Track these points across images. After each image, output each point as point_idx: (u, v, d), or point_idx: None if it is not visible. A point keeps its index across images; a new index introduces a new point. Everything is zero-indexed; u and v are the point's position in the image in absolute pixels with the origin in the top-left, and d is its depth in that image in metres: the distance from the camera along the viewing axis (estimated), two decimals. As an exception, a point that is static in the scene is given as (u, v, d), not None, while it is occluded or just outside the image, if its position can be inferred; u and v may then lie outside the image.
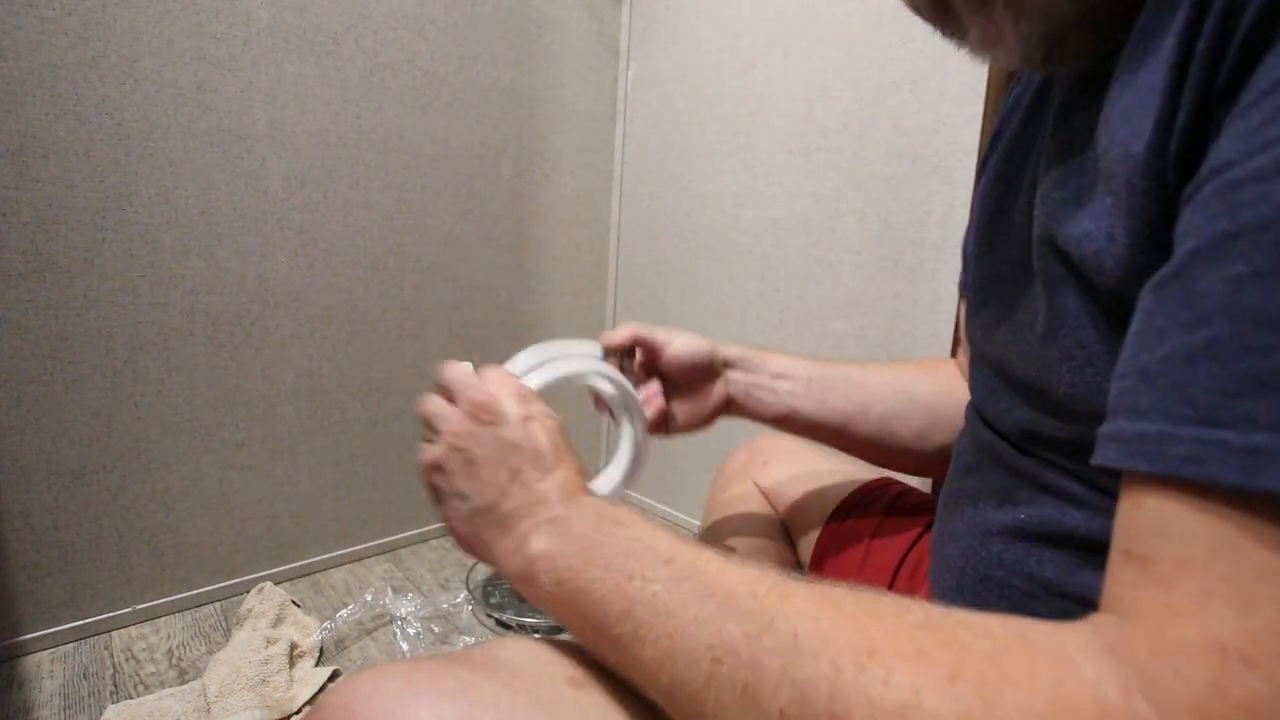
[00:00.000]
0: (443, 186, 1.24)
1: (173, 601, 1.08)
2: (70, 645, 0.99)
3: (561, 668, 0.36)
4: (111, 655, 0.98)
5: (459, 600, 1.13)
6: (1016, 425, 0.37)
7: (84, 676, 0.93)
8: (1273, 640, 0.18)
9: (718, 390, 0.59)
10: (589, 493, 0.40)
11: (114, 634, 1.02)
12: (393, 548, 1.32)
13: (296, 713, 0.87)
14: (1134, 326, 0.24)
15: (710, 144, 1.28)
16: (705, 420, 0.59)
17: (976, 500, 0.40)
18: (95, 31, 0.88)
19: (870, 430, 0.57)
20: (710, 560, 0.31)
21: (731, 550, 0.41)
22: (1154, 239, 0.26)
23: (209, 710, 0.84)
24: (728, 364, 0.59)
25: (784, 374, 0.58)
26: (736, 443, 0.76)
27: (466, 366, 0.44)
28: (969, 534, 0.40)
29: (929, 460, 0.57)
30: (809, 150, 1.12)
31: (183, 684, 0.92)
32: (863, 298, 1.08)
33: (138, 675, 0.94)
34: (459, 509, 0.41)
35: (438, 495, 0.43)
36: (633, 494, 1.52)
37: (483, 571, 1.23)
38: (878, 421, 0.57)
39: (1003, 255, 0.41)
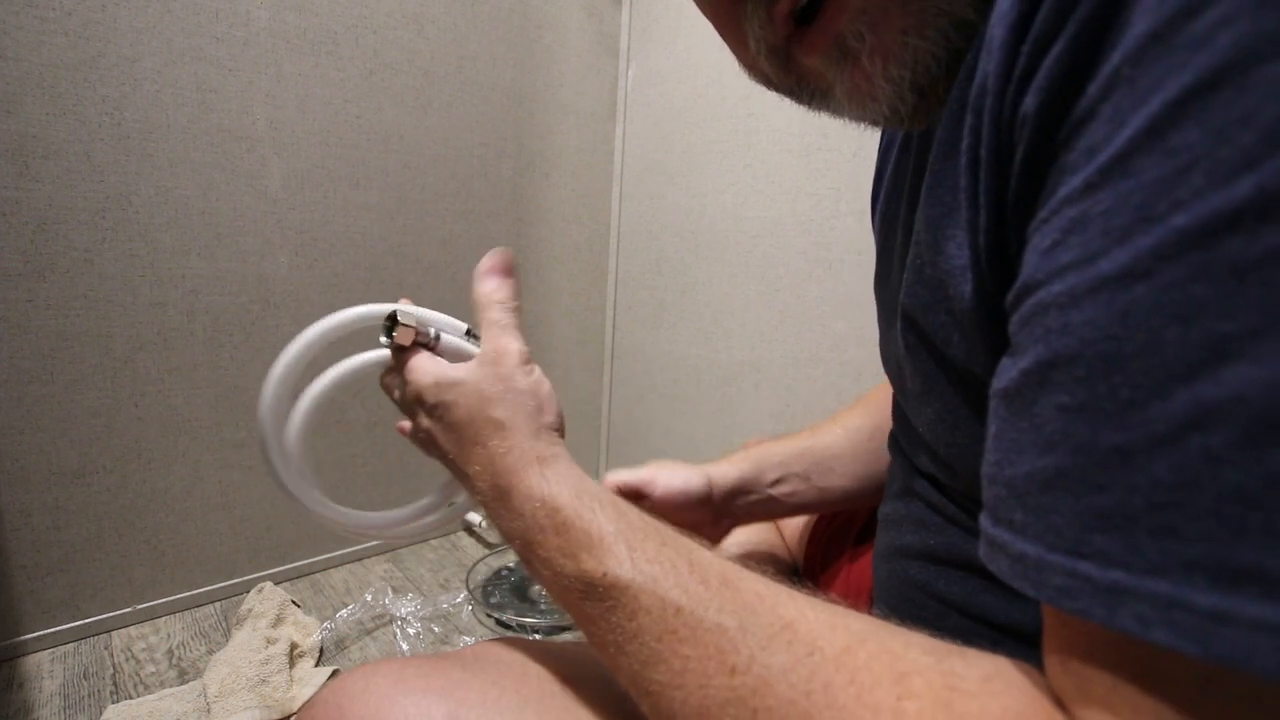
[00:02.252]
0: (443, 186, 1.24)
1: (173, 601, 1.08)
2: (70, 645, 0.99)
3: (550, 667, 0.36)
4: (111, 655, 0.98)
5: (459, 600, 1.13)
6: (920, 465, 0.39)
7: (84, 676, 0.93)
8: None
9: (722, 525, 0.58)
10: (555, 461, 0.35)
11: (114, 634, 1.02)
12: (393, 548, 1.32)
13: (296, 713, 0.87)
14: (991, 429, 0.23)
15: (710, 144, 1.28)
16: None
17: (899, 524, 0.41)
18: (95, 31, 0.88)
19: (875, 492, 0.58)
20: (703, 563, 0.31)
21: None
22: (982, 318, 0.26)
23: (209, 710, 0.84)
24: (727, 494, 0.56)
25: (782, 478, 0.57)
26: (735, 444, 0.76)
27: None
28: (892, 555, 0.42)
29: None
30: (809, 150, 1.12)
31: (183, 684, 0.92)
32: (863, 298, 1.07)
33: (138, 675, 0.94)
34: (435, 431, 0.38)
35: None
36: (633, 494, 1.52)
37: (483, 571, 1.23)
38: (876, 485, 0.58)
39: (887, 300, 0.41)
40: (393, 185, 1.18)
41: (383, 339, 0.40)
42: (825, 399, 1.14)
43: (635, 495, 0.54)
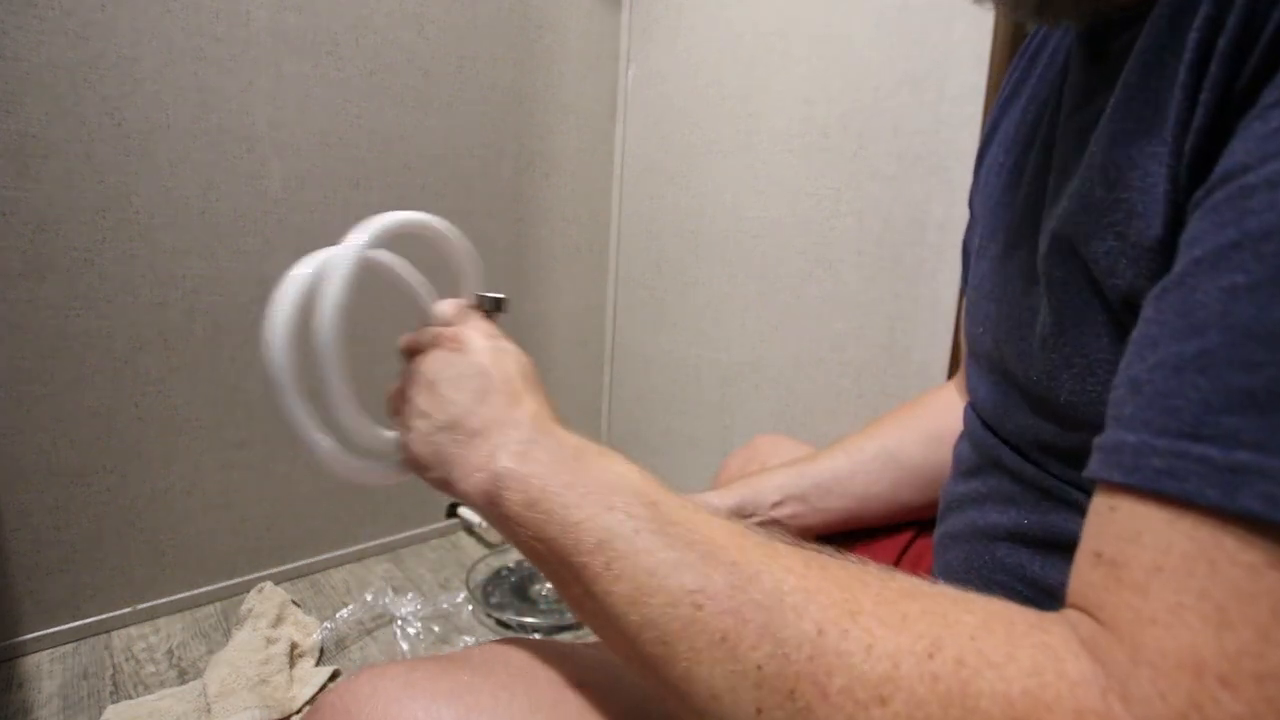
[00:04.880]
0: (443, 186, 1.24)
1: (173, 601, 1.08)
2: (70, 645, 0.99)
3: (560, 669, 0.36)
4: (111, 655, 0.98)
5: (459, 600, 1.13)
6: (1017, 430, 0.37)
7: (84, 676, 0.93)
8: (1250, 663, 0.17)
9: None
10: (563, 427, 0.36)
11: (114, 634, 1.02)
12: (393, 548, 1.32)
13: (297, 712, 0.87)
14: (1133, 335, 0.23)
15: (710, 143, 1.28)
16: None
17: (980, 503, 0.39)
18: (95, 31, 0.88)
19: (880, 510, 0.57)
20: (697, 510, 0.30)
21: None
22: (1167, 244, 0.25)
23: (209, 710, 0.84)
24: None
25: (781, 500, 0.57)
26: (735, 444, 0.76)
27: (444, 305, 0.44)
28: (972, 537, 0.39)
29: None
30: (809, 150, 1.12)
31: (183, 684, 0.92)
32: (863, 298, 1.07)
33: (138, 675, 0.94)
34: (420, 429, 0.38)
35: (404, 425, 0.40)
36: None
37: (483, 571, 1.23)
38: (880, 506, 0.57)
39: (1005, 252, 0.39)
40: (393, 185, 1.18)
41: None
42: (825, 399, 1.14)
43: None
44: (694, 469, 1.42)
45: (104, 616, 1.02)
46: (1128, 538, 0.20)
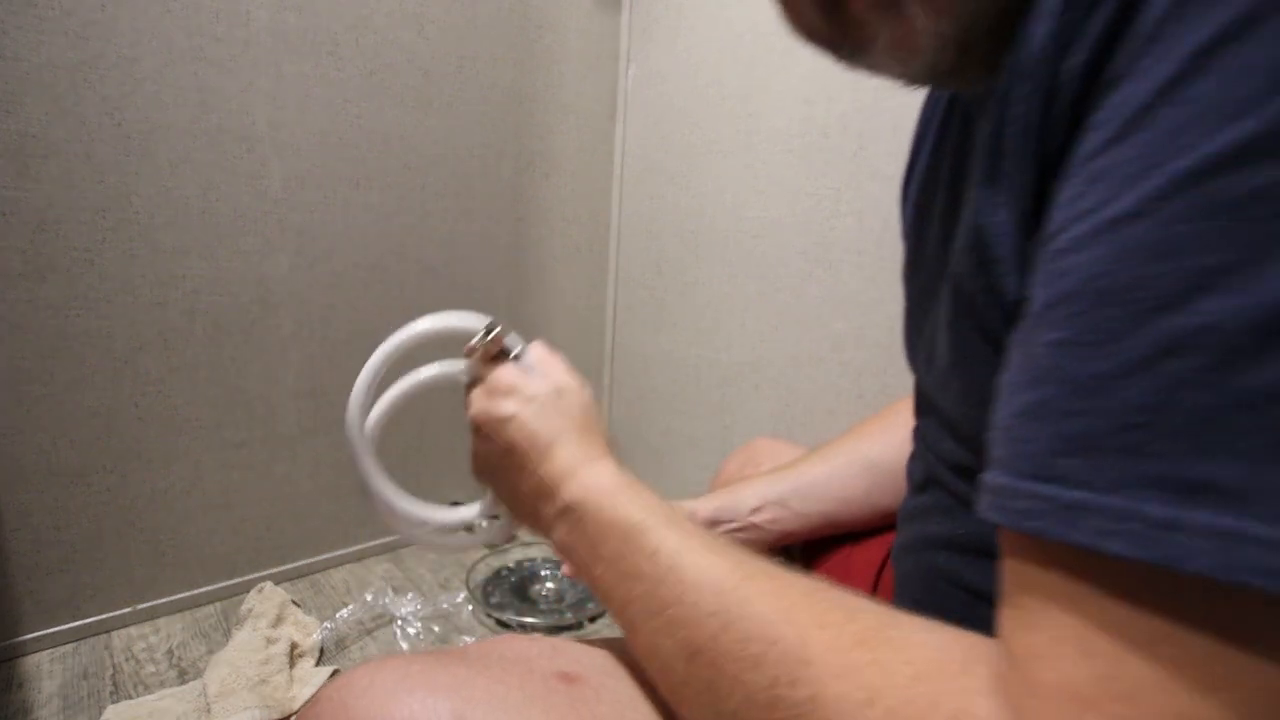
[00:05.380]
0: (443, 186, 1.24)
1: (173, 601, 1.08)
2: (70, 645, 0.99)
3: (554, 663, 0.36)
4: (111, 655, 0.98)
5: (459, 600, 1.13)
6: (945, 451, 0.39)
7: (84, 676, 0.93)
8: (1110, 686, 0.19)
9: None
10: (595, 461, 0.41)
11: (114, 634, 1.02)
12: (393, 548, 1.32)
13: (296, 713, 0.87)
14: (1001, 379, 0.25)
15: (710, 144, 1.28)
16: None
17: (925, 516, 0.42)
18: (95, 31, 0.88)
19: (857, 514, 0.58)
20: (690, 548, 0.33)
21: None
22: (1023, 297, 0.27)
23: (209, 710, 0.84)
24: (706, 525, 0.56)
25: (760, 505, 0.58)
26: (735, 444, 0.76)
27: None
28: (920, 548, 0.42)
29: None
30: (809, 150, 1.12)
31: (183, 684, 0.92)
32: (863, 298, 1.07)
33: (138, 675, 0.94)
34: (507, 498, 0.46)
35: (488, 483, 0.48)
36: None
37: (483, 571, 1.23)
38: (857, 509, 0.58)
39: (921, 286, 0.41)
40: (393, 185, 1.18)
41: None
42: (825, 399, 1.14)
43: None
44: (694, 469, 1.42)
45: (104, 616, 1.02)
46: (1018, 581, 0.23)
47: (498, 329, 0.45)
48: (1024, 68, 0.25)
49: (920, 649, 0.25)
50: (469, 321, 0.46)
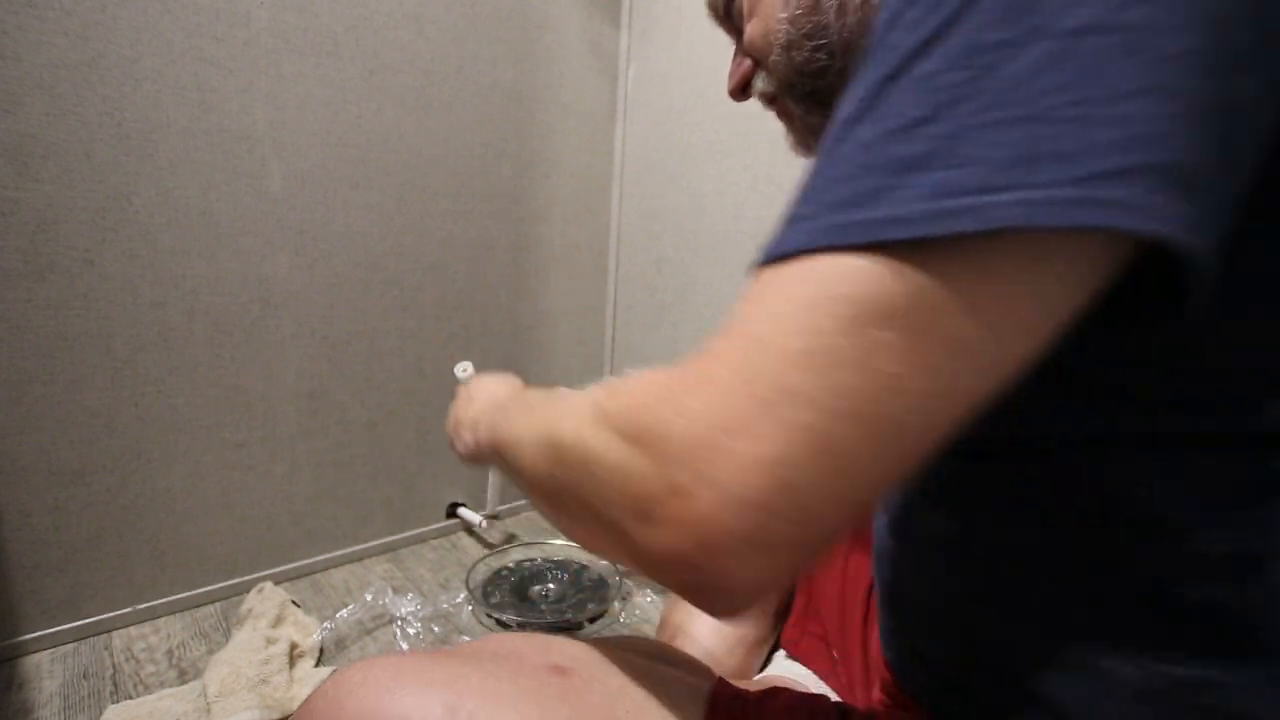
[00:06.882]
0: (443, 186, 1.24)
1: (173, 601, 1.08)
2: (70, 645, 0.99)
3: (546, 657, 0.37)
4: (111, 655, 0.98)
5: (459, 600, 1.13)
6: None
7: (84, 676, 0.93)
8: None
9: None
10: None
11: (114, 634, 1.02)
12: (393, 548, 1.32)
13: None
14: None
15: (710, 144, 1.28)
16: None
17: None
18: (95, 31, 0.88)
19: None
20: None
21: None
22: None
23: (209, 710, 0.84)
24: None
25: None
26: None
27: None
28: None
29: None
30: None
31: (183, 684, 0.92)
32: (863, 298, 1.07)
33: (138, 675, 0.94)
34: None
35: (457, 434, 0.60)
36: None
37: (483, 572, 1.23)
38: None
39: None
40: (393, 185, 1.18)
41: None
42: (825, 399, 1.14)
43: None
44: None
45: (104, 616, 1.02)
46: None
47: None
48: None
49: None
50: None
